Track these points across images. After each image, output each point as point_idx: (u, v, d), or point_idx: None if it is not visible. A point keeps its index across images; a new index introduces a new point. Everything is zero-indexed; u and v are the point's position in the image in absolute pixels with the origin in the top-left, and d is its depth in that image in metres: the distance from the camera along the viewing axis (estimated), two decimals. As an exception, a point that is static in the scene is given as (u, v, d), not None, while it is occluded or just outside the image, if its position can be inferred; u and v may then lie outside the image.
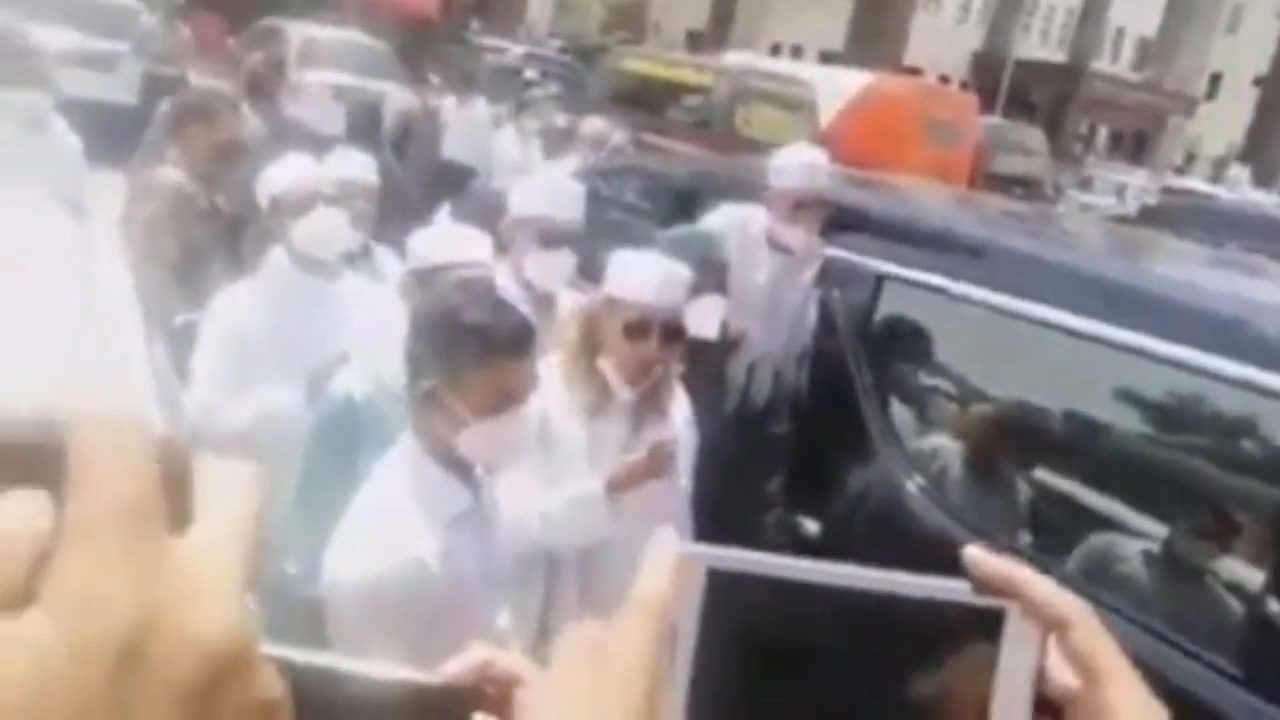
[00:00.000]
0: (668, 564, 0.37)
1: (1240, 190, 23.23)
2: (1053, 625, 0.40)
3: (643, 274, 2.11)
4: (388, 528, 1.57)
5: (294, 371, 2.31)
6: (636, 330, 2.08)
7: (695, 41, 33.29)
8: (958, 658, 0.40)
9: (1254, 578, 2.27)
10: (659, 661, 0.35)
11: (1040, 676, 0.40)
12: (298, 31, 11.49)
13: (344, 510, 1.66)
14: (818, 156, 3.08)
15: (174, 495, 0.25)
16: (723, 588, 0.39)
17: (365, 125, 6.02)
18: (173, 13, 10.00)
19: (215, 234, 3.37)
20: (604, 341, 2.12)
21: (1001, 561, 0.40)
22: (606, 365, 2.11)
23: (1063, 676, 0.40)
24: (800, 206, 2.94)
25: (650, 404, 2.16)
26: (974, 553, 0.41)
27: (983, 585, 0.40)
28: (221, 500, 0.27)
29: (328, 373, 2.20)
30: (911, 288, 2.73)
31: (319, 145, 3.88)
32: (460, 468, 1.67)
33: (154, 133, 3.74)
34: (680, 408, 2.27)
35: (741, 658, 0.39)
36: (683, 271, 2.17)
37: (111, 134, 6.15)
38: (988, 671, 0.39)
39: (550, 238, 2.62)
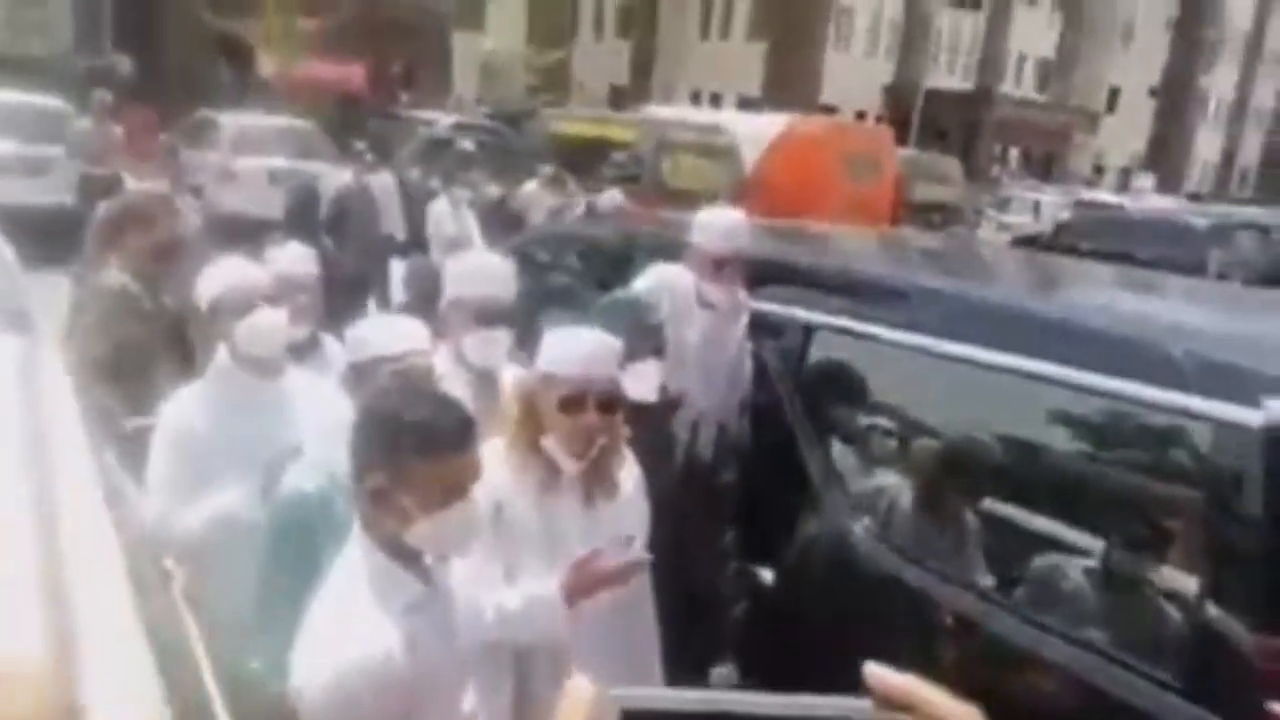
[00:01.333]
0: (582, 709, 0.39)
1: (1146, 198, 24.08)
2: None
3: (572, 348, 2.15)
4: (349, 624, 1.60)
5: (246, 471, 2.32)
6: (572, 404, 2.12)
7: (618, 96, 33.82)
8: None
9: (1190, 585, 2.37)
10: None
11: None
12: (230, 121, 11.54)
13: (305, 605, 1.68)
14: (735, 217, 3.17)
15: None
16: None
17: (303, 207, 6.04)
18: (104, 113, 9.97)
19: (161, 335, 3.37)
20: (544, 419, 2.15)
21: (901, 678, 0.43)
22: (549, 442, 2.14)
23: None
24: (720, 265, 3.04)
25: (599, 475, 2.19)
26: (875, 670, 0.43)
27: (884, 700, 0.42)
28: None
29: (280, 469, 2.23)
30: (838, 334, 2.83)
31: (257, 232, 3.89)
32: (412, 559, 1.70)
33: (92, 237, 3.73)
34: (630, 475, 2.31)
35: None
36: (612, 341, 2.21)
37: (50, 236, 6.12)
38: None
39: (485, 316, 2.68)
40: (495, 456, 2.14)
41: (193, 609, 2.05)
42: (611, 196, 7.21)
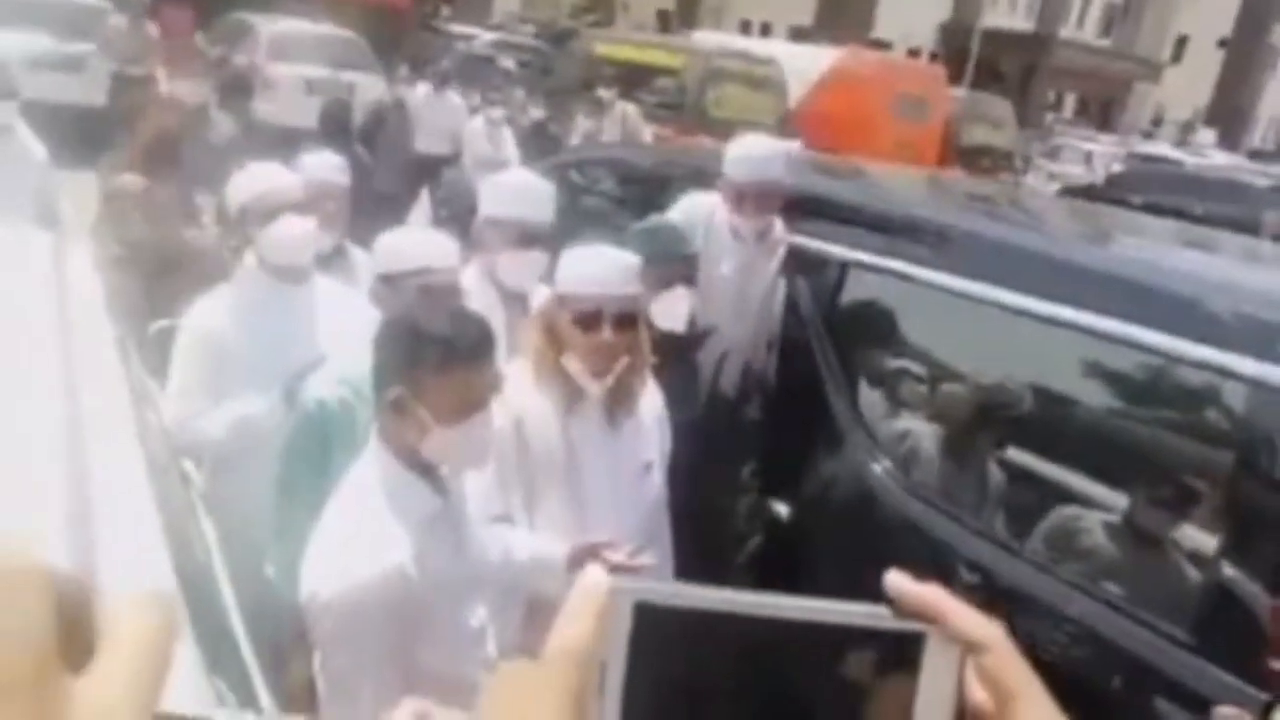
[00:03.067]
0: (592, 604, 0.38)
1: (1206, 154, 23.43)
2: (970, 649, 0.41)
3: (588, 266, 2.14)
4: (361, 535, 1.61)
5: (269, 378, 2.33)
6: (588, 321, 2.10)
7: (665, 21, 33.14)
8: (881, 680, 0.41)
9: (1210, 544, 2.34)
10: (578, 713, 0.36)
11: (959, 697, 0.41)
12: (267, 26, 11.42)
13: (319, 513, 1.70)
14: (768, 147, 3.05)
15: (74, 634, 0.27)
16: (651, 621, 0.39)
17: (337, 118, 6.02)
18: (140, 11, 9.88)
19: (177, 237, 3.40)
20: (563, 338, 2.15)
21: (922, 587, 0.41)
22: (570, 362, 2.14)
23: (976, 696, 0.41)
24: (749, 197, 2.97)
25: (621, 399, 2.19)
26: (896, 579, 0.41)
27: (904, 610, 0.41)
28: (123, 636, 0.28)
29: (302, 378, 2.24)
30: (876, 274, 2.78)
31: (291, 142, 3.89)
32: (427, 471, 1.71)
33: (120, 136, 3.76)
34: (652, 402, 2.31)
35: (670, 691, 0.40)
36: (628, 258, 2.18)
37: (82, 135, 6.12)
38: (909, 693, 0.41)
39: (522, 238, 2.65)
40: (519, 376, 2.15)
41: (210, 511, 2.08)
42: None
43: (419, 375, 1.64)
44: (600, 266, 2.14)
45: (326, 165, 3.12)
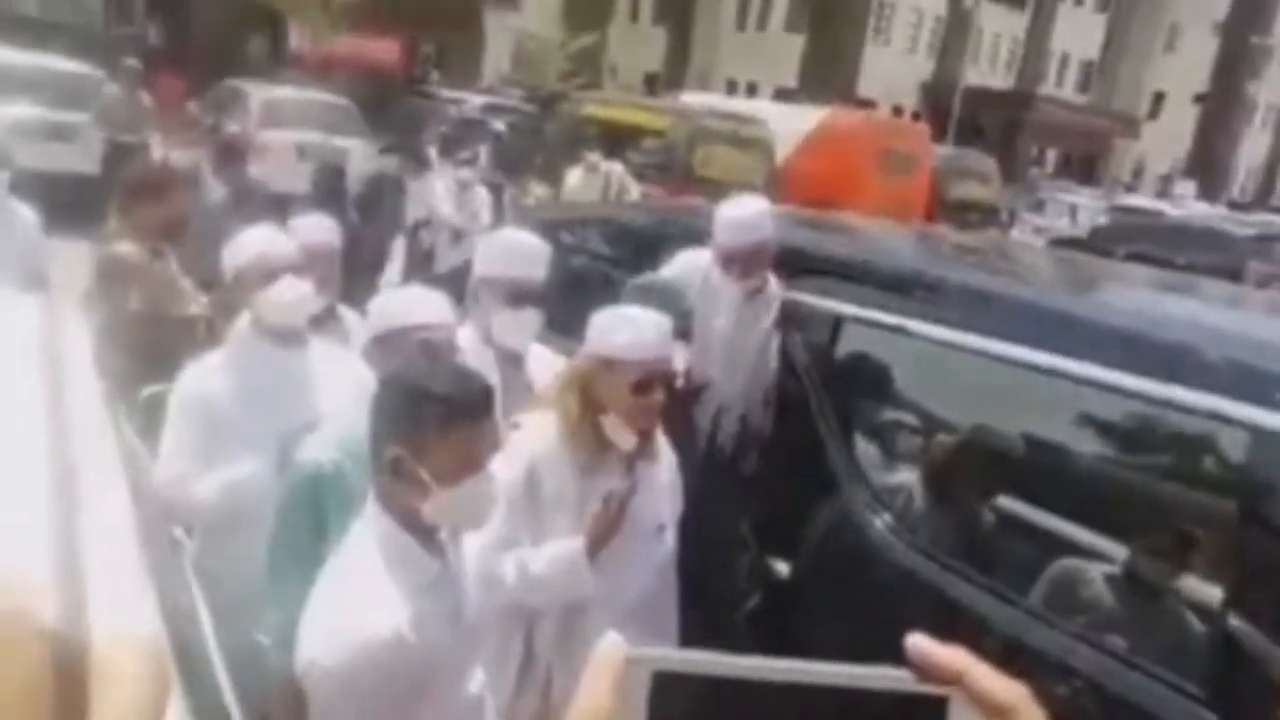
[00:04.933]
0: (612, 670, 0.38)
1: (1187, 205, 23.74)
2: (995, 713, 0.40)
3: (636, 332, 2.18)
4: (359, 600, 1.59)
5: (263, 442, 2.32)
6: (644, 387, 2.15)
7: (652, 83, 33.67)
8: None
9: (1214, 594, 2.32)
10: None
11: None
12: (259, 93, 11.58)
13: (314, 580, 1.67)
14: (754, 210, 3.04)
15: (68, 688, 0.27)
16: (669, 689, 0.39)
17: (330, 183, 6.07)
18: (134, 80, 10.02)
19: (172, 306, 3.41)
20: (607, 400, 2.17)
21: (945, 650, 0.41)
22: (610, 422, 2.16)
23: None
24: (738, 258, 2.99)
25: (642, 456, 2.22)
26: (918, 642, 0.41)
27: (926, 673, 0.40)
28: (117, 691, 0.28)
29: (296, 441, 2.22)
30: (870, 327, 2.79)
31: (284, 206, 3.92)
32: (426, 534, 1.69)
33: (112, 205, 3.79)
34: (668, 467, 2.32)
35: None
36: (666, 323, 2.24)
37: (76, 204, 6.16)
38: None
39: (515, 297, 2.66)
40: (538, 431, 2.15)
41: (201, 579, 2.04)
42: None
43: (420, 435, 1.62)
44: (651, 332, 2.19)
45: (319, 227, 3.13)
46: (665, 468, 2.32)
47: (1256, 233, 14.67)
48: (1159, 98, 44.31)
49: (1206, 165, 36.49)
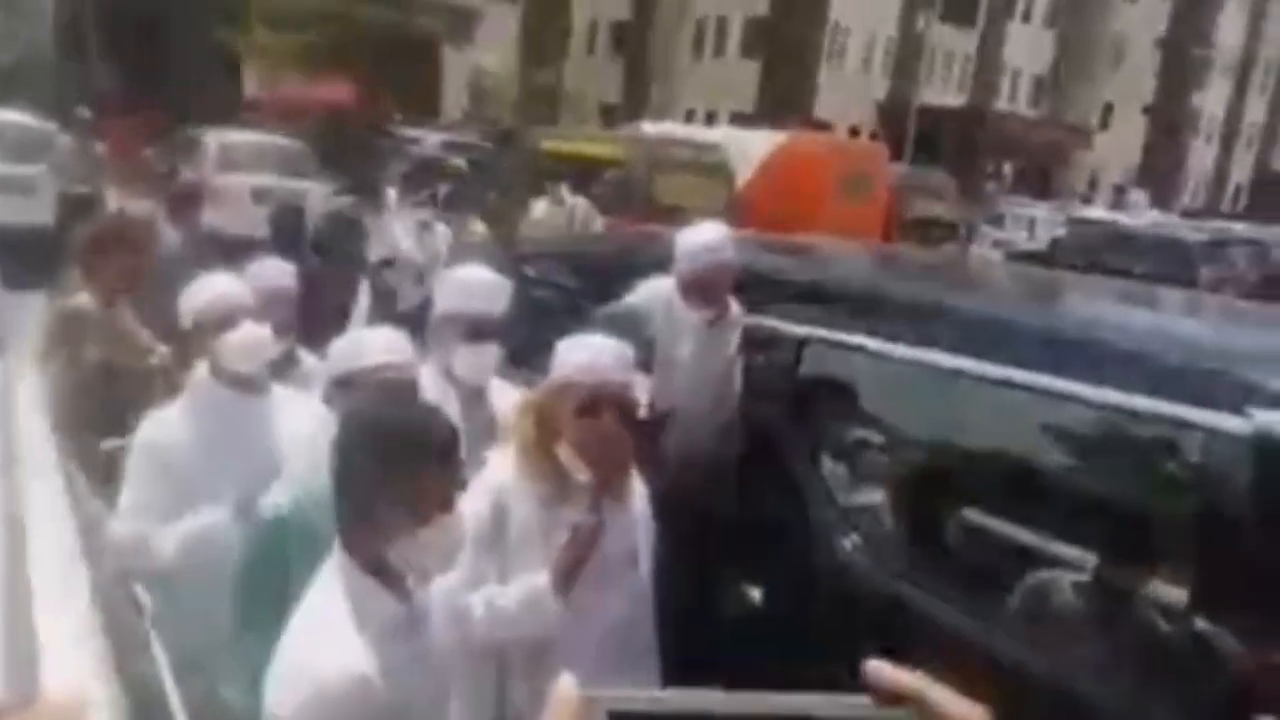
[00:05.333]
0: (568, 710, 0.38)
1: (1141, 213, 24.15)
2: None
3: (587, 355, 2.16)
4: (326, 647, 1.56)
5: (224, 490, 2.28)
6: (589, 410, 2.12)
7: (610, 114, 33.86)
8: None
9: (1180, 597, 2.34)
10: None
11: None
12: (214, 138, 11.55)
13: (280, 630, 1.64)
14: (711, 235, 3.06)
15: None
16: None
17: (289, 226, 6.04)
18: (86, 131, 9.97)
19: (129, 358, 3.37)
20: (560, 428, 2.15)
21: (901, 673, 0.41)
22: (563, 450, 2.14)
23: None
24: (698, 285, 3.00)
25: (610, 490, 2.18)
26: (875, 667, 0.41)
27: (884, 697, 0.41)
28: None
29: (257, 489, 2.19)
30: (833, 348, 2.80)
31: (241, 251, 3.89)
32: (393, 577, 1.67)
33: (68, 258, 3.75)
34: (639, 495, 2.30)
35: None
36: (626, 349, 2.21)
37: (33, 257, 6.10)
38: None
39: (475, 332, 2.65)
40: (502, 464, 2.13)
41: (162, 636, 2.00)
42: None
43: (384, 477, 1.60)
44: (599, 355, 2.16)
45: (275, 271, 3.12)
46: (636, 497, 2.31)
47: (1209, 238, 14.96)
48: (1108, 110, 45.21)
49: (1157, 175, 37.23)
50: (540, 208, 8.71)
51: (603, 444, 2.13)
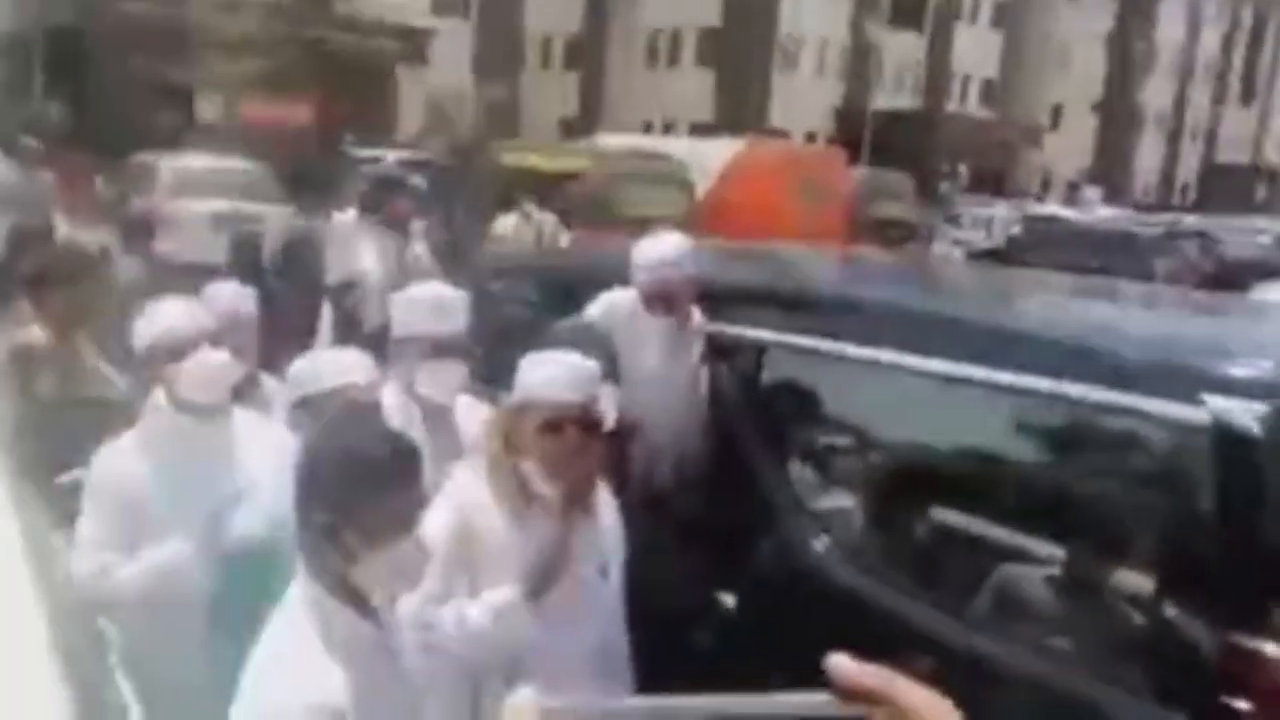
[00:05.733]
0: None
1: (1094, 209, 24.56)
2: None
3: (549, 372, 2.16)
4: (295, 673, 1.54)
5: (188, 520, 2.24)
6: (552, 428, 2.12)
7: (568, 128, 33.90)
8: None
9: (1148, 586, 2.37)
10: None
11: None
12: (168, 164, 11.40)
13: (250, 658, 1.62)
14: (668, 246, 3.06)
15: None
16: None
17: (247, 251, 5.97)
18: (32, 161, 9.77)
19: (82, 390, 3.32)
20: (524, 445, 2.15)
21: (866, 669, 0.41)
22: (528, 467, 2.14)
23: None
24: (658, 296, 3.01)
25: (577, 503, 2.18)
26: (837, 662, 0.41)
27: (848, 694, 0.40)
28: None
29: (222, 518, 2.16)
30: (794, 353, 2.81)
31: (199, 277, 3.84)
32: (359, 599, 1.65)
33: (15, 291, 3.68)
34: (607, 507, 2.30)
35: None
36: (588, 364, 2.21)
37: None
38: None
39: (437, 350, 2.63)
40: (471, 481, 2.12)
41: (131, 672, 1.96)
42: None
43: (346, 499, 1.59)
44: (561, 372, 2.16)
45: (234, 295, 3.07)
46: (605, 509, 2.30)
47: (1162, 231, 15.25)
48: (1058, 109, 45.96)
49: (1108, 171, 37.92)
50: (508, 223, 8.69)
51: (567, 460, 2.13)
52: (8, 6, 18.00)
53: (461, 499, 2.12)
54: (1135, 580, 2.49)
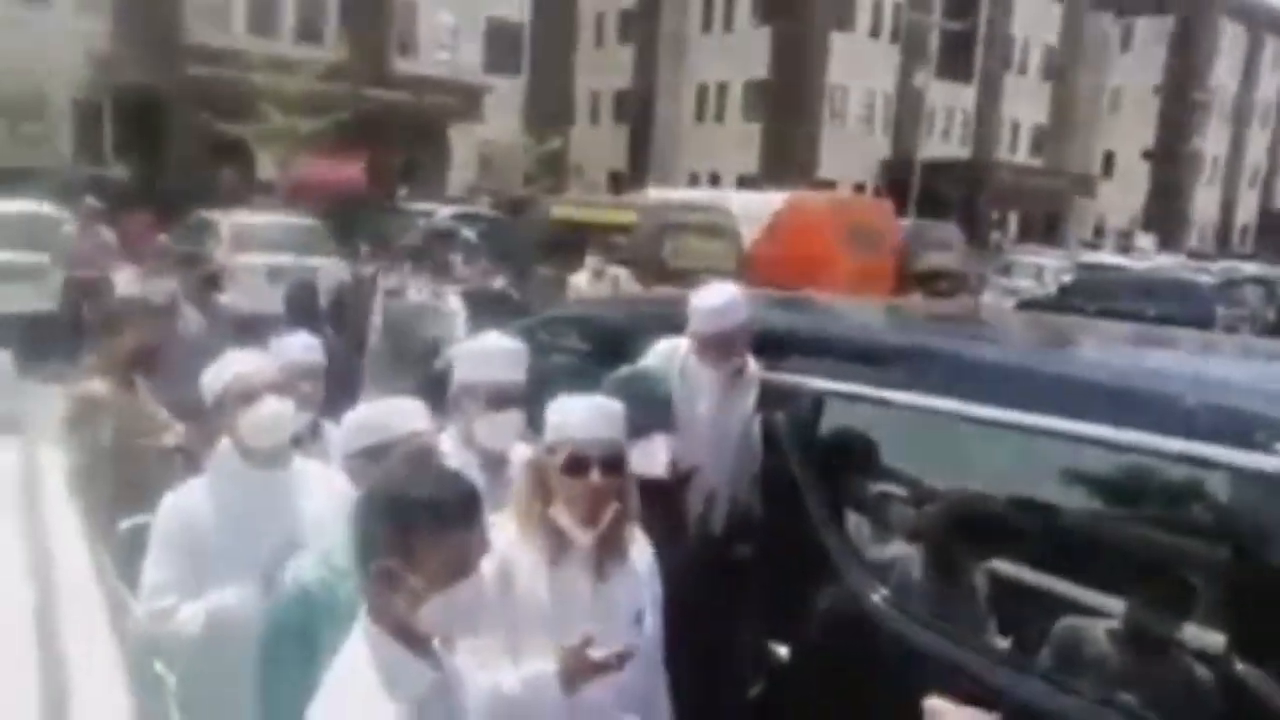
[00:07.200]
0: None
1: (1149, 257, 24.19)
2: None
3: (573, 413, 2.16)
4: (355, 718, 1.55)
5: (249, 566, 2.28)
6: (575, 467, 2.12)
7: (617, 181, 34.33)
8: None
9: (1217, 641, 2.30)
10: None
11: None
12: (228, 220, 11.77)
13: (306, 706, 1.63)
14: (725, 296, 3.07)
15: None
16: None
17: (303, 301, 6.10)
18: (90, 217, 10.13)
19: (145, 437, 3.41)
20: (552, 488, 2.15)
21: (963, 711, 0.41)
22: (558, 511, 2.13)
23: None
24: (714, 345, 3.02)
25: (609, 547, 2.16)
26: (935, 704, 0.41)
27: None
28: None
29: (281, 563, 2.19)
30: (850, 401, 2.80)
31: (259, 328, 3.94)
32: (420, 644, 1.66)
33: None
34: (642, 551, 2.28)
35: None
36: (613, 405, 2.21)
37: (41, 341, 6.20)
38: None
39: (496, 399, 2.67)
40: (504, 529, 2.12)
41: (187, 716, 1.99)
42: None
43: (410, 542, 1.60)
44: (585, 413, 2.16)
45: (300, 346, 3.15)
46: (640, 554, 2.28)
47: (1220, 279, 14.96)
48: (1109, 157, 45.64)
49: (1163, 218, 37.43)
50: (581, 280, 8.83)
51: (594, 502, 2.12)
52: (81, 73, 18.76)
53: (498, 546, 2.12)
54: (1203, 635, 2.42)
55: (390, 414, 2.32)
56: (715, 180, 32.95)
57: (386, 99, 22.71)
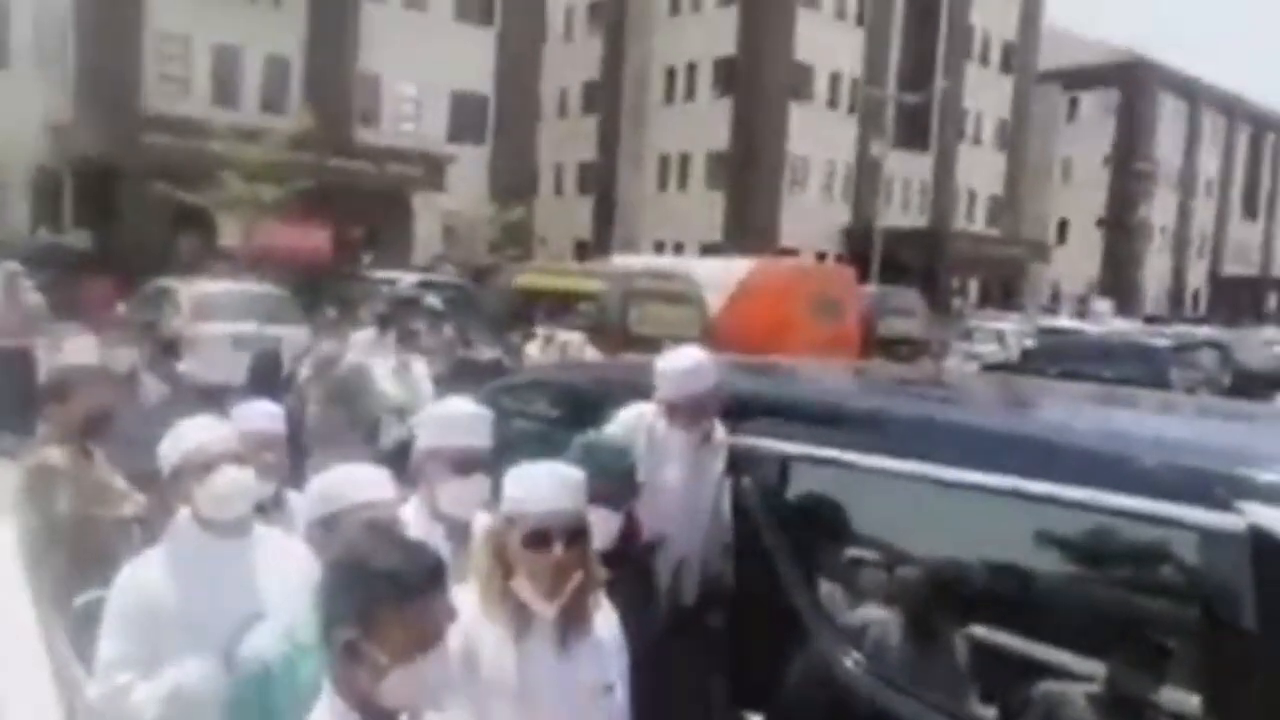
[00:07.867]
0: None
1: (1106, 322, 24.70)
2: None
3: (533, 485, 2.12)
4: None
5: (210, 639, 2.21)
6: (537, 540, 2.07)
7: (583, 250, 34.60)
8: None
9: (1192, 702, 2.28)
10: None
11: None
12: (188, 289, 11.68)
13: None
14: (692, 361, 3.07)
15: None
16: None
17: (266, 369, 6.05)
18: (12, 284, 9.88)
19: (99, 508, 3.34)
20: (513, 561, 2.10)
21: None
22: (519, 584, 2.08)
23: None
24: (681, 410, 3.01)
25: (574, 620, 2.12)
26: None
27: None
28: None
29: (240, 638, 2.12)
30: (818, 465, 2.79)
31: (220, 397, 3.88)
32: (385, 717, 1.61)
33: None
34: (608, 622, 2.23)
35: None
36: (574, 474, 2.18)
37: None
38: None
39: (461, 465, 2.62)
40: (466, 601, 2.07)
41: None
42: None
43: (373, 614, 1.57)
44: (546, 484, 2.12)
45: (261, 414, 3.09)
46: (606, 624, 2.23)
47: (1175, 343, 15.28)
48: (1063, 224, 46.87)
49: (1117, 284, 38.36)
50: (534, 348, 8.84)
51: (556, 574, 2.06)
52: (40, 141, 18.70)
53: (463, 625, 2.07)
54: (1180, 698, 2.40)
55: (345, 483, 2.28)
56: (679, 248, 33.30)
57: (350, 168, 22.83)
